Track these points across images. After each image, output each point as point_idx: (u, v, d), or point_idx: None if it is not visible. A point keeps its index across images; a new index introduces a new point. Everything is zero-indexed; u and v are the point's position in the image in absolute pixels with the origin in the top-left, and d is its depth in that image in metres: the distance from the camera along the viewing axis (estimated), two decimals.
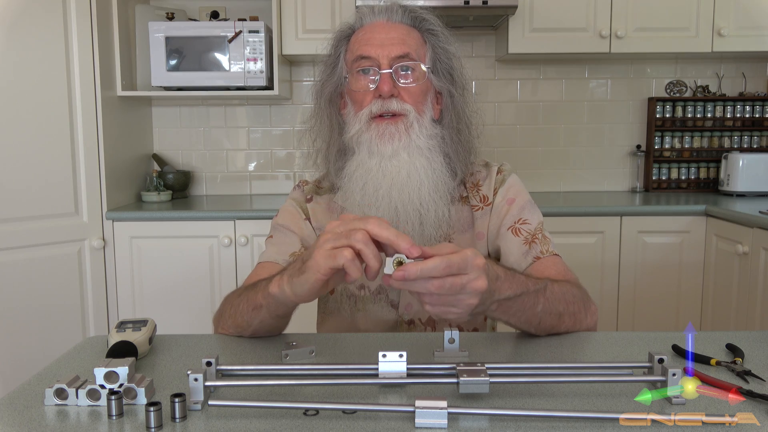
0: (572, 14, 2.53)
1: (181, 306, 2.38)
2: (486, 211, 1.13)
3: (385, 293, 1.11)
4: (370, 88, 1.04)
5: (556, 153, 2.93)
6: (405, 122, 1.03)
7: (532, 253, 1.07)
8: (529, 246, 1.08)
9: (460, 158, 1.10)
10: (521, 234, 1.09)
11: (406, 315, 1.11)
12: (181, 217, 2.36)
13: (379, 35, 1.05)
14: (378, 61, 1.03)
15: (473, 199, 1.14)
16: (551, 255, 1.07)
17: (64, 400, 0.71)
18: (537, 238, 1.09)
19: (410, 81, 1.04)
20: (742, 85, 2.88)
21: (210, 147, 2.91)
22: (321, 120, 1.12)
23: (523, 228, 1.09)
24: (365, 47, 1.04)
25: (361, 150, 1.05)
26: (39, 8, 2.12)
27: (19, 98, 2.10)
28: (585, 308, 0.98)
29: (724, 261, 2.27)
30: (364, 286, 1.11)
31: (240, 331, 0.96)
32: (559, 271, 1.05)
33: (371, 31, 1.06)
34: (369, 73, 1.04)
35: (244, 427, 0.65)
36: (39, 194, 2.17)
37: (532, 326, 0.93)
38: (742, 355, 0.84)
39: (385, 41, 1.04)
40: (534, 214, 1.12)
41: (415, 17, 1.08)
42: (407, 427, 0.65)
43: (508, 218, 1.11)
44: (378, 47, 1.03)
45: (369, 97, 1.04)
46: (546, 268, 1.05)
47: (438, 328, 1.11)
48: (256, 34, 2.45)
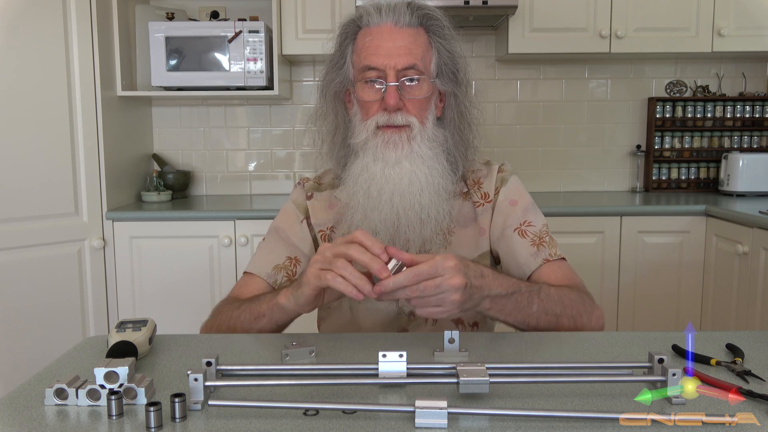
0: (572, 14, 2.52)
1: (181, 306, 2.38)
2: (487, 207, 1.16)
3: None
4: (377, 99, 1.06)
5: (556, 153, 2.93)
6: (408, 133, 1.07)
7: (541, 255, 1.10)
8: (538, 248, 1.11)
9: (460, 153, 1.13)
10: (527, 236, 1.12)
11: (406, 307, 1.12)
12: (181, 217, 2.36)
13: (386, 44, 1.06)
14: (385, 73, 1.05)
15: (475, 195, 1.17)
16: (559, 259, 1.11)
17: (64, 400, 0.71)
18: (545, 241, 1.12)
19: (416, 93, 1.07)
20: (742, 85, 2.88)
21: (210, 147, 2.91)
22: (327, 114, 1.15)
23: (529, 230, 1.12)
24: (372, 57, 1.06)
25: (366, 154, 1.08)
26: (39, 8, 2.12)
27: (19, 98, 2.10)
28: (587, 312, 1.01)
29: (724, 261, 2.27)
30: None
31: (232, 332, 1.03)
32: (566, 275, 1.09)
33: (378, 38, 1.06)
34: (376, 83, 1.06)
35: (244, 427, 0.65)
36: (39, 194, 2.17)
37: (530, 326, 0.97)
38: (742, 355, 0.84)
39: (392, 51, 1.05)
40: (537, 216, 1.15)
41: (420, 16, 1.08)
42: (407, 427, 0.65)
43: (512, 220, 1.13)
44: (385, 57, 1.05)
45: (375, 108, 1.07)
46: (553, 271, 1.09)
47: (439, 320, 1.12)
48: (256, 34, 2.45)
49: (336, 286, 0.84)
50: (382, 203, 1.06)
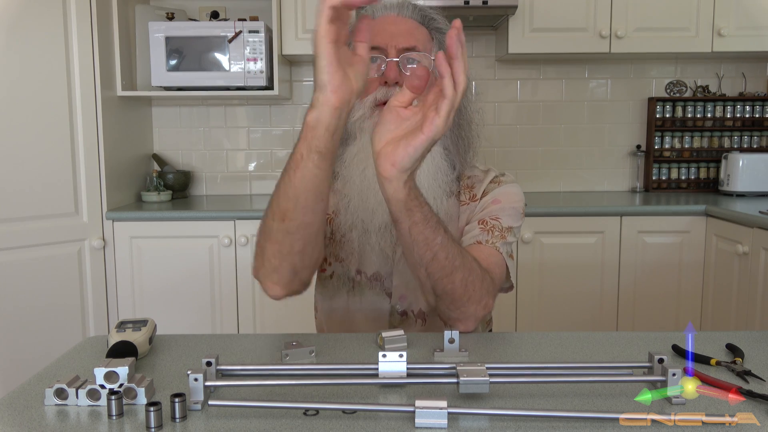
0: (572, 14, 2.53)
1: (181, 306, 2.38)
2: (471, 206, 1.13)
3: (380, 281, 1.13)
4: (376, 75, 1.05)
5: (556, 153, 2.93)
6: None
7: (476, 237, 1.05)
8: (481, 231, 1.06)
9: (459, 152, 1.11)
10: (485, 225, 1.07)
11: (399, 306, 1.12)
12: (181, 217, 2.36)
13: (389, 27, 1.06)
14: (386, 50, 1.05)
15: (463, 195, 1.14)
16: (493, 247, 1.05)
17: (64, 400, 0.71)
18: (494, 230, 1.07)
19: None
20: (742, 85, 2.88)
21: (210, 147, 2.91)
22: None
23: (491, 221, 1.08)
24: (374, 37, 1.04)
25: (363, 135, 1.06)
26: (39, 8, 2.12)
27: (19, 98, 2.10)
28: (480, 291, 0.95)
29: (724, 261, 2.27)
30: (360, 272, 1.13)
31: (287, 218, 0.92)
32: (486, 260, 1.02)
33: (381, 23, 1.07)
34: (376, 61, 1.05)
35: (244, 427, 0.65)
36: (39, 194, 2.17)
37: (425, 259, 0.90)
38: (742, 355, 0.84)
39: (394, 32, 1.06)
40: (511, 218, 1.10)
41: (423, 15, 1.10)
42: (407, 427, 0.65)
43: (484, 213, 1.10)
44: (387, 37, 1.05)
45: (374, 84, 1.05)
46: (479, 251, 1.03)
47: (429, 320, 1.12)
48: (256, 34, 2.45)
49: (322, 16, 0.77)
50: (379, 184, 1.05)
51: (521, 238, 2.33)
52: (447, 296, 0.94)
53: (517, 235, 1.13)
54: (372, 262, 1.12)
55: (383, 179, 0.84)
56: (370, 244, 1.09)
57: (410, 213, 0.87)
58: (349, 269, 1.13)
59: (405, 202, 0.85)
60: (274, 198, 0.94)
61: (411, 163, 0.82)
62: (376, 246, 1.09)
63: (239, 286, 2.39)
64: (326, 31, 0.78)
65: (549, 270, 2.40)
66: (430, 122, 0.79)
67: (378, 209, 1.05)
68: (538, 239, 2.37)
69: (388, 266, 1.12)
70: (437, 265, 0.91)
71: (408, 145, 0.81)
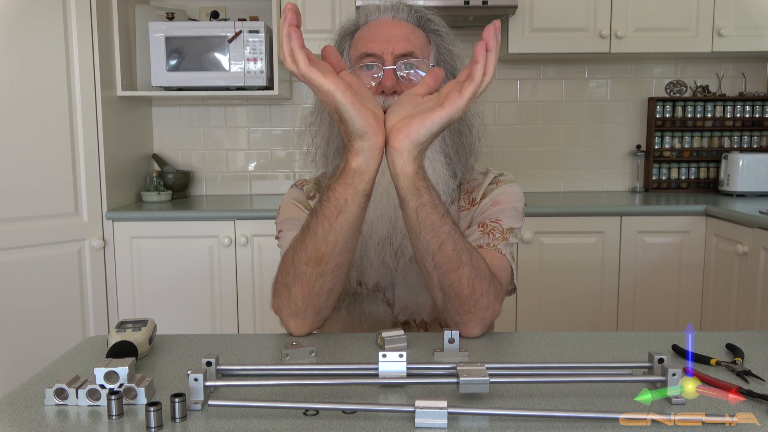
0: (572, 14, 2.53)
1: (181, 306, 2.38)
2: (471, 211, 1.12)
3: (382, 291, 1.11)
4: (373, 84, 1.03)
5: (556, 153, 2.93)
6: None
7: (477, 240, 1.04)
8: (482, 234, 1.05)
9: (460, 160, 1.09)
10: (485, 227, 1.06)
11: (401, 316, 1.11)
12: (181, 217, 2.36)
13: (384, 32, 1.04)
14: (382, 58, 1.02)
15: (463, 201, 1.13)
16: (495, 250, 1.04)
17: (64, 400, 0.71)
18: (495, 232, 1.05)
19: (414, 79, 1.03)
20: (742, 85, 2.88)
21: (210, 147, 2.91)
22: (321, 117, 1.11)
23: (491, 224, 1.06)
24: (370, 44, 1.03)
25: None
26: (39, 8, 2.12)
27: (20, 98, 2.10)
28: (488, 294, 0.94)
29: (724, 261, 2.27)
30: (362, 283, 1.12)
31: (323, 261, 0.90)
32: (494, 266, 1.00)
33: (376, 28, 1.05)
34: (372, 69, 1.03)
35: (244, 427, 0.65)
36: (39, 194, 2.17)
37: (430, 247, 0.89)
38: (742, 355, 0.84)
39: (390, 37, 1.03)
40: (511, 219, 1.08)
41: (420, 17, 1.07)
42: (407, 427, 0.65)
43: (483, 216, 1.08)
44: (383, 43, 1.02)
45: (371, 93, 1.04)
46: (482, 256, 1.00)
47: (431, 330, 1.11)
48: (256, 34, 2.45)
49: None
50: (378, 196, 1.03)
51: (521, 238, 2.33)
52: (454, 295, 0.92)
53: (519, 235, 1.12)
54: (373, 273, 1.10)
55: (394, 150, 0.82)
56: (369, 257, 1.08)
57: (418, 192, 0.85)
58: (351, 281, 1.12)
59: (413, 179, 0.84)
60: (309, 243, 0.90)
61: (425, 136, 0.81)
62: (376, 258, 1.08)
63: (239, 286, 2.39)
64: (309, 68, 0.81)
65: (549, 270, 2.40)
66: (453, 100, 0.80)
67: (376, 222, 1.04)
68: (538, 239, 2.37)
69: (389, 277, 1.11)
70: (444, 256, 0.89)
71: (425, 118, 0.81)
